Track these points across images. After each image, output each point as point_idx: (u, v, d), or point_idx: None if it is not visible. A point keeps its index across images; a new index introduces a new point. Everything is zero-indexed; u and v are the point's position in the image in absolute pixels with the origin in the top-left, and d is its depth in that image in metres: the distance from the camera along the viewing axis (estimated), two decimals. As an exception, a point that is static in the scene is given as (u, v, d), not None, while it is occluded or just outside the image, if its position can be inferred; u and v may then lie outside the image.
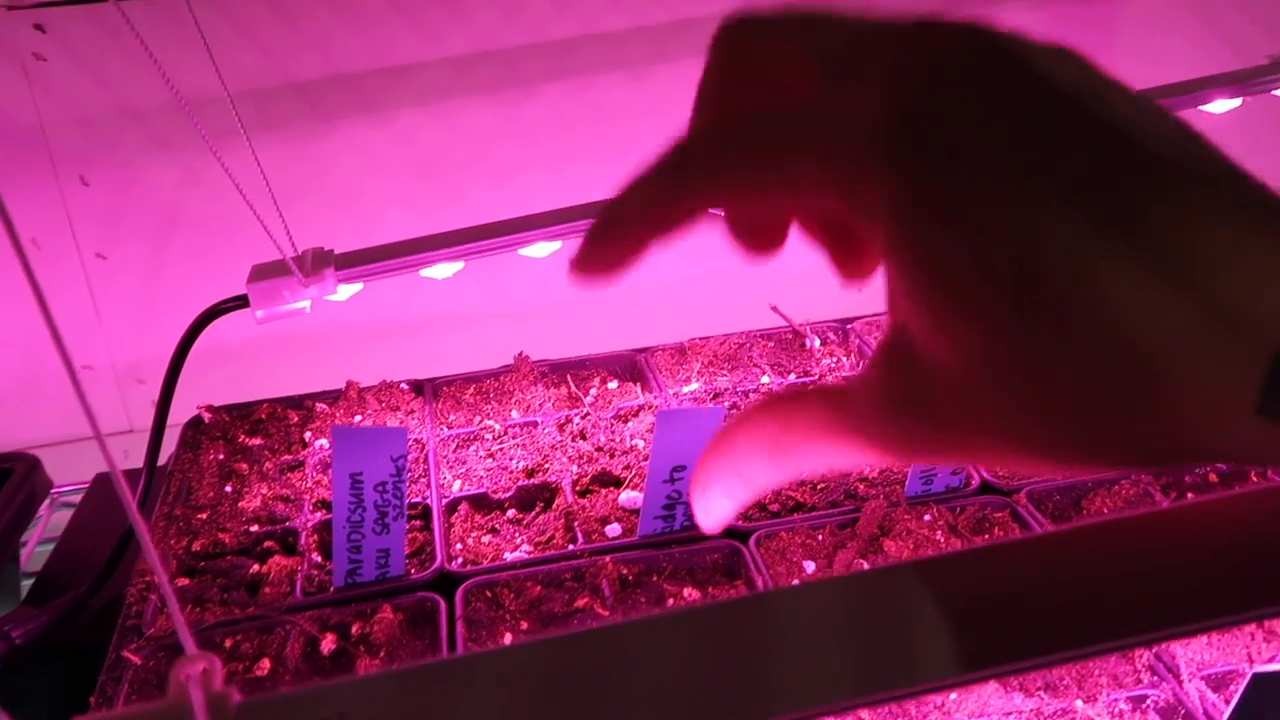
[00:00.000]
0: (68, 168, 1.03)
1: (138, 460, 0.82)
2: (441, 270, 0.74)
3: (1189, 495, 0.73)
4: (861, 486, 0.74)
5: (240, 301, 0.71)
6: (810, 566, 0.67)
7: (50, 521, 1.01)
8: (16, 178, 1.02)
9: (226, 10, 1.00)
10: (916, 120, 0.22)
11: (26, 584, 0.85)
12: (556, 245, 0.76)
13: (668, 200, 0.26)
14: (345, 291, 0.72)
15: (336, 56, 1.04)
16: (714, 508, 0.29)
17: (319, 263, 0.71)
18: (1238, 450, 0.22)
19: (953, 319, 0.22)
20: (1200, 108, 0.87)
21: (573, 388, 0.87)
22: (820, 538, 0.69)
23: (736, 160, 0.25)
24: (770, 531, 0.69)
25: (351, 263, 0.73)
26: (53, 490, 0.99)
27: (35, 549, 0.98)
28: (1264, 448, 0.21)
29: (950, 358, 0.23)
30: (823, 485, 0.75)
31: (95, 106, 1.01)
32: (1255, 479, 0.73)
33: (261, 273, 0.70)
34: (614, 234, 0.27)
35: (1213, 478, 0.74)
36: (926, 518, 0.70)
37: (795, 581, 0.66)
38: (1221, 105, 0.86)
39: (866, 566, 0.67)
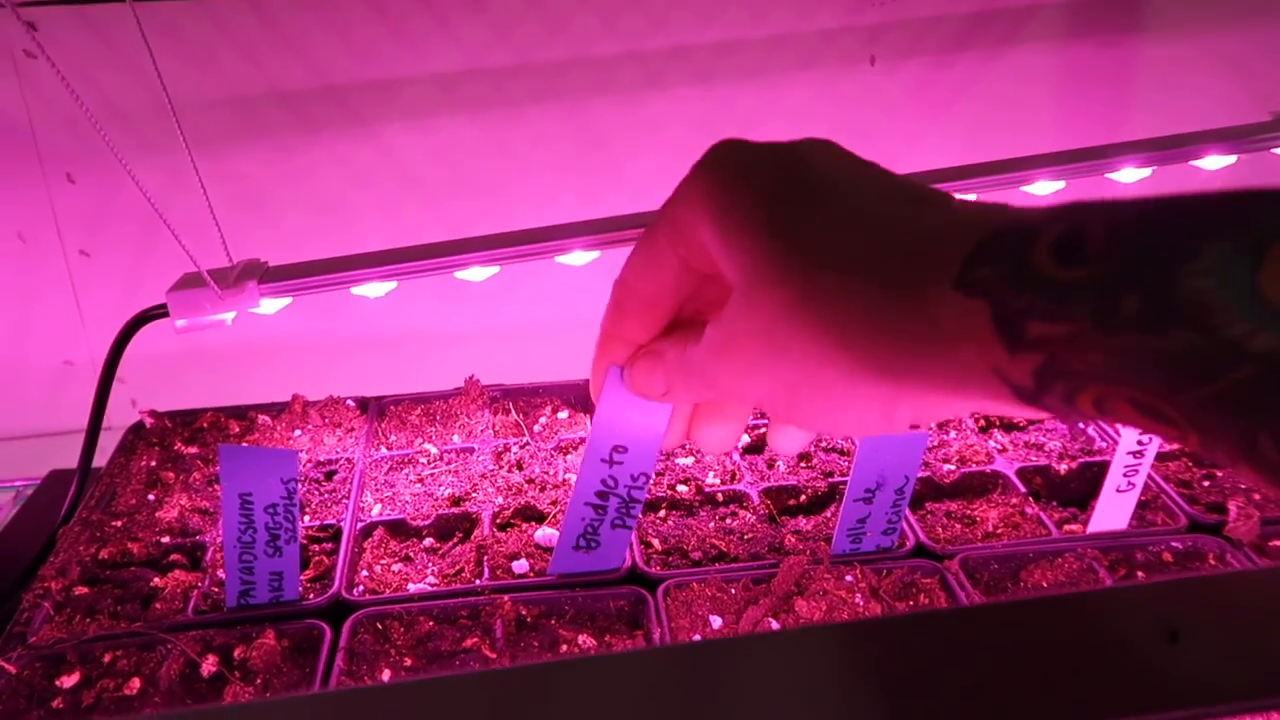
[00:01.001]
0: (55, 165, 1.04)
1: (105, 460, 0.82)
2: (372, 289, 0.72)
3: (1139, 575, 0.68)
4: (791, 540, 0.71)
5: (164, 310, 0.70)
6: (716, 622, 0.64)
7: (7, 516, 1.02)
8: (5, 172, 1.04)
9: (217, 19, 1.00)
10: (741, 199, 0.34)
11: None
12: (494, 270, 0.74)
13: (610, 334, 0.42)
14: (271, 305, 0.71)
15: (323, 69, 1.03)
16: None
17: (245, 275, 0.70)
18: (946, 342, 0.28)
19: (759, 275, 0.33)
20: (1192, 162, 0.82)
21: (515, 415, 0.85)
22: (733, 591, 0.66)
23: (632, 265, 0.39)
24: (681, 582, 0.66)
25: (281, 276, 0.71)
26: (18, 483, 1.00)
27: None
28: (964, 333, 0.27)
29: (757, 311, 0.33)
30: (750, 535, 0.71)
31: (83, 105, 1.02)
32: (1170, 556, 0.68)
33: (185, 282, 0.69)
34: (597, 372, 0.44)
35: (1167, 556, 0.69)
36: (848, 578, 0.66)
37: (696, 637, 0.62)
38: (1215, 161, 0.81)
39: (775, 626, 0.63)
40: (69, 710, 0.59)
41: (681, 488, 0.76)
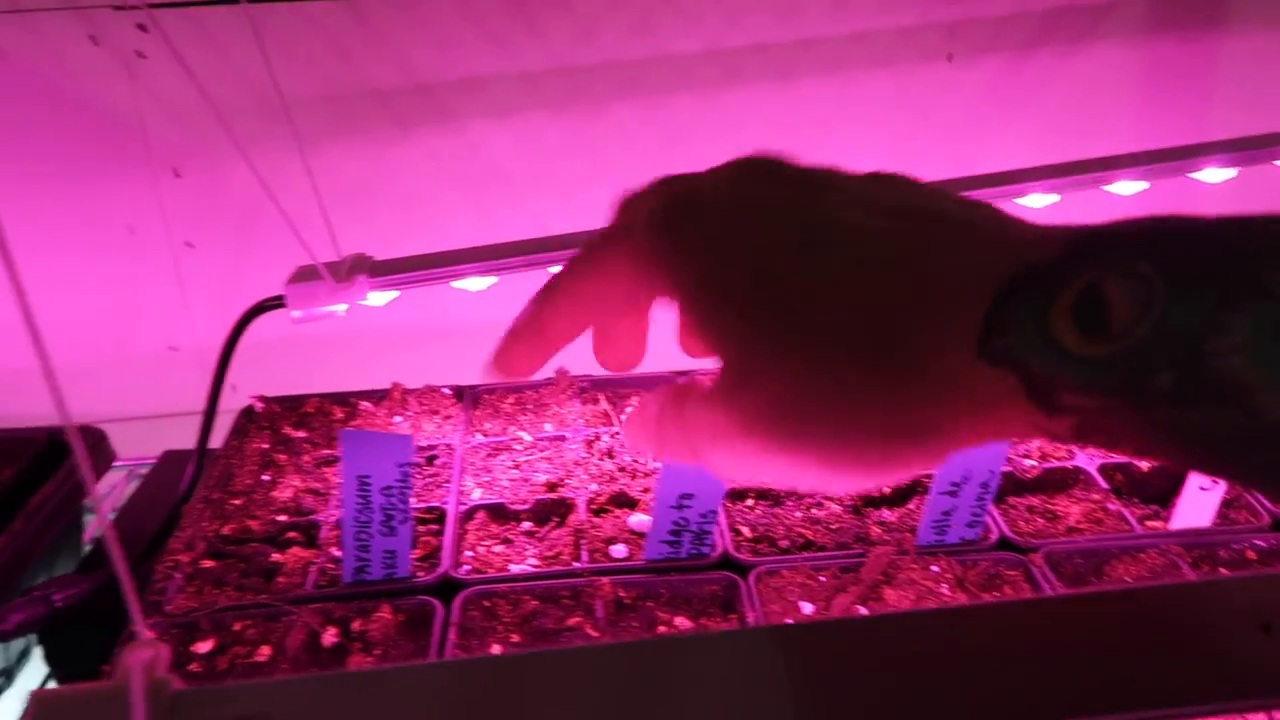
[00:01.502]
0: (163, 160, 1.09)
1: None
2: (473, 283, 0.76)
3: (1221, 571, 0.70)
4: (877, 531, 0.73)
5: (280, 301, 0.74)
6: (807, 608, 0.67)
7: (125, 492, 1.07)
8: (117, 168, 1.09)
9: (314, 21, 1.04)
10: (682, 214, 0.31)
11: (87, 550, 0.91)
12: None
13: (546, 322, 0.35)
14: (379, 298, 0.74)
15: (415, 67, 1.07)
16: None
17: (355, 269, 0.74)
18: (980, 410, 0.26)
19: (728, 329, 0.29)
20: (1277, 163, 0.82)
21: (604, 405, 0.88)
22: (822, 579, 0.69)
23: (570, 274, 0.34)
24: (772, 568, 0.69)
25: (388, 270, 0.75)
26: (130, 462, 1.05)
27: (109, 517, 1.04)
28: (998, 400, 0.25)
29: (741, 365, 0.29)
30: (836, 526, 0.74)
31: (189, 103, 1.07)
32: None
33: (301, 275, 0.74)
34: (512, 348, 0.36)
35: (1250, 554, 0.71)
36: (934, 569, 0.69)
37: (788, 620, 0.65)
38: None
39: (864, 613, 0.66)
40: (205, 673, 0.63)
41: (768, 478, 0.79)
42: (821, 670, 0.35)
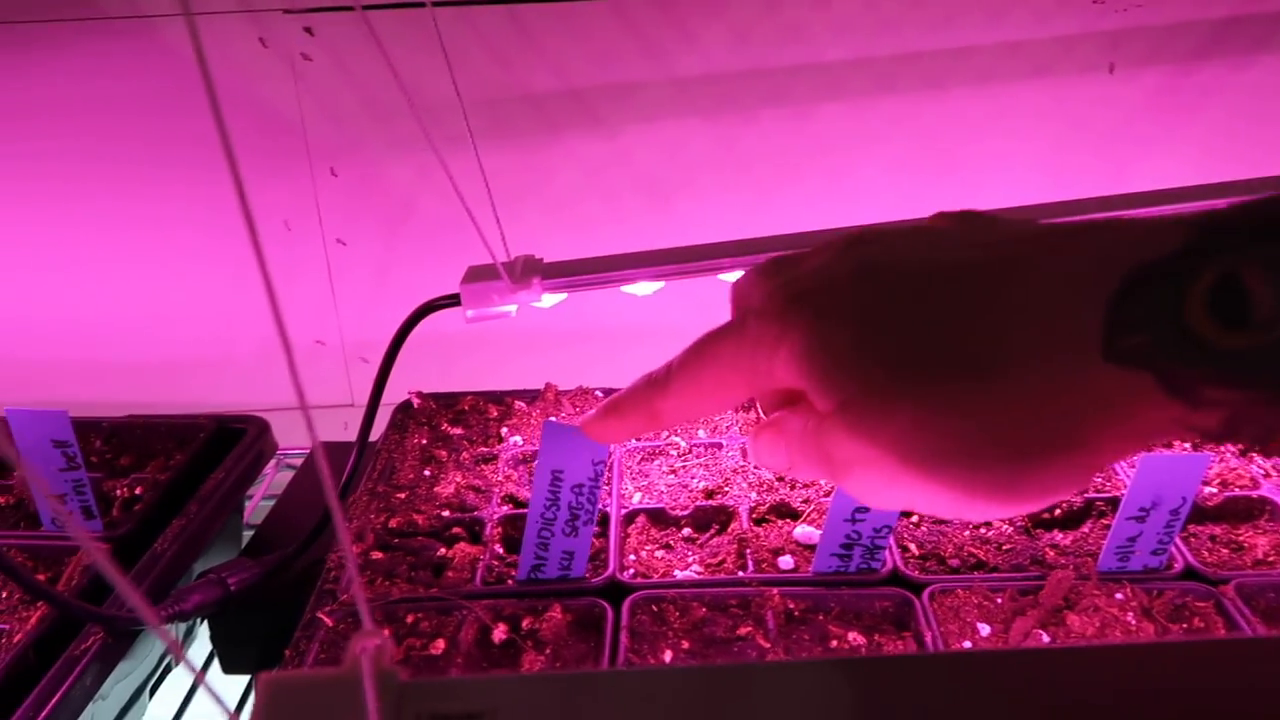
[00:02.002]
0: (321, 159, 1.12)
1: (355, 434, 0.89)
2: (643, 288, 0.76)
3: None
4: (1050, 554, 0.71)
5: (453, 300, 0.75)
6: (985, 629, 0.65)
7: (274, 480, 1.11)
8: (278, 165, 1.13)
9: (473, 23, 1.06)
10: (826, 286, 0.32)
11: (247, 535, 0.93)
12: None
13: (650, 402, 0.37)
14: (549, 300, 0.75)
15: (568, 72, 1.08)
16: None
17: (528, 270, 0.74)
18: (1116, 414, 0.25)
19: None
20: None
21: (760, 414, 0.87)
22: (999, 601, 0.67)
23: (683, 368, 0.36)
24: (946, 587, 0.67)
25: (558, 273, 0.76)
26: (279, 451, 1.09)
27: (259, 504, 1.08)
28: (1134, 401, 0.24)
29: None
30: (1008, 546, 0.72)
31: (348, 104, 1.10)
32: None
33: (474, 275, 0.75)
34: (615, 422, 0.39)
35: None
36: (1118, 596, 0.66)
37: (966, 644, 0.64)
38: None
39: (1045, 639, 0.64)
40: (383, 664, 0.64)
41: (932, 494, 0.77)
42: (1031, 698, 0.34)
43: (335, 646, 0.66)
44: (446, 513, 0.77)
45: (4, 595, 0.71)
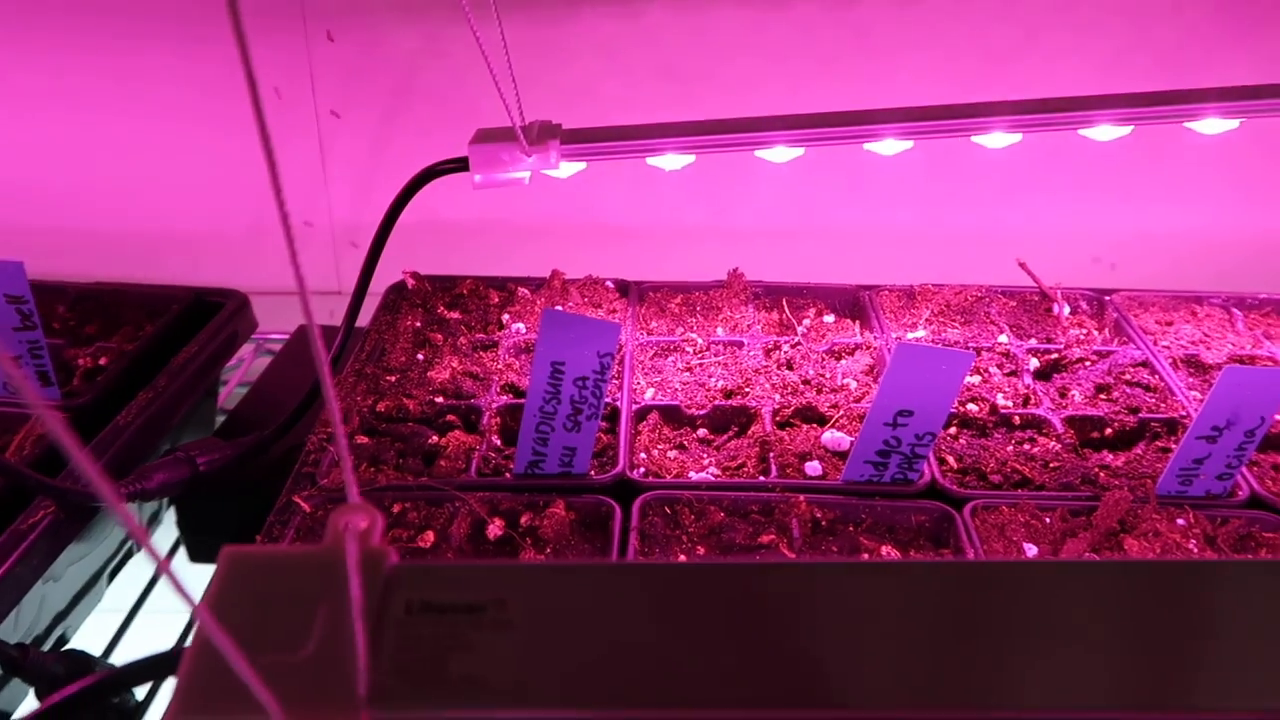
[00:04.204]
0: (317, 20, 1.03)
1: (340, 321, 0.82)
2: (669, 161, 0.68)
3: None
4: (1103, 475, 0.65)
5: (459, 164, 0.67)
6: (1032, 550, 0.58)
7: (252, 366, 1.04)
8: (269, 25, 1.03)
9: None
10: None
11: (220, 420, 0.86)
12: (799, 151, 0.69)
13: None
14: (567, 169, 0.67)
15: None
16: None
17: (545, 134, 0.66)
18: None
19: None
20: None
21: (786, 314, 0.80)
22: (1048, 520, 0.60)
23: None
24: (989, 503, 0.61)
25: (578, 139, 0.68)
26: (257, 335, 1.01)
27: (234, 390, 1.01)
28: None
29: None
30: (1055, 465, 0.66)
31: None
32: None
33: (485, 136, 0.67)
34: None
35: None
36: (1180, 522, 0.60)
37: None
38: None
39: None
40: (365, 555, 0.58)
41: (972, 406, 0.70)
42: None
43: (312, 534, 0.59)
44: (440, 399, 0.70)
45: (-53, 462, 0.64)
